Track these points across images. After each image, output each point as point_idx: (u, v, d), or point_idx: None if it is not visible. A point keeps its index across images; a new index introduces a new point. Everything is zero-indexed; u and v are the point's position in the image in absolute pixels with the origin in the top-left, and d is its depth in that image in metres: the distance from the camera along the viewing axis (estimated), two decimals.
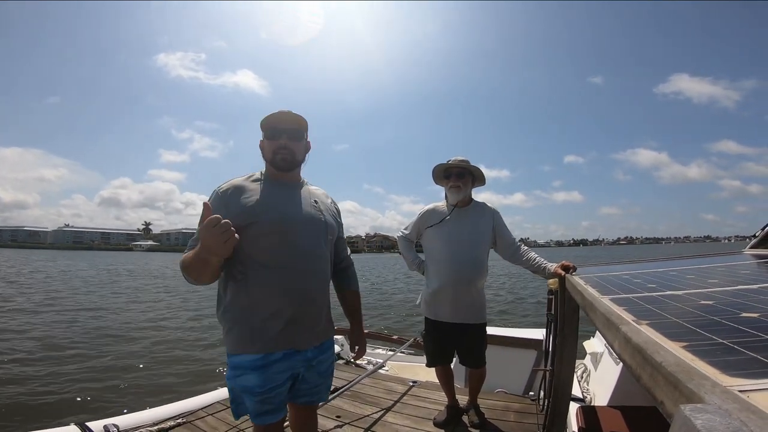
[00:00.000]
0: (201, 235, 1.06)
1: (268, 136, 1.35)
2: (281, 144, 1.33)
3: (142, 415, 2.37)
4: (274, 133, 1.34)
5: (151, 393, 4.39)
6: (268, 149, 1.35)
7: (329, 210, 1.44)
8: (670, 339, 0.53)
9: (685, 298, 0.84)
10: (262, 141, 1.38)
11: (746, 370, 0.40)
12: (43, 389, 4.39)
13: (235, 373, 1.24)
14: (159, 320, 8.80)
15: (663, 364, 0.42)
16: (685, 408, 0.29)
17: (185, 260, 1.17)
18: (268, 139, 1.35)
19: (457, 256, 2.14)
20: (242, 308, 1.24)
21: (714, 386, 0.35)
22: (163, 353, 6.09)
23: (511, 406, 2.60)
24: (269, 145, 1.35)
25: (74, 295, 12.67)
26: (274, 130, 1.34)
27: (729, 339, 0.52)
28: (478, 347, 2.25)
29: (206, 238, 1.06)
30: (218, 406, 2.60)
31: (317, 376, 1.38)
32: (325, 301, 1.37)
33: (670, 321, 0.65)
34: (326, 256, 1.38)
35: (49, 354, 5.77)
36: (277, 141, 1.33)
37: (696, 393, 0.34)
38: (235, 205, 1.25)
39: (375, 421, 2.43)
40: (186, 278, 1.20)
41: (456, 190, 2.18)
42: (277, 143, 1.33)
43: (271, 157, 1.35)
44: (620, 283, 1.18)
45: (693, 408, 0.29)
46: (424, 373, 3.30)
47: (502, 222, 2.26)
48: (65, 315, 9.03)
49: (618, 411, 1.58)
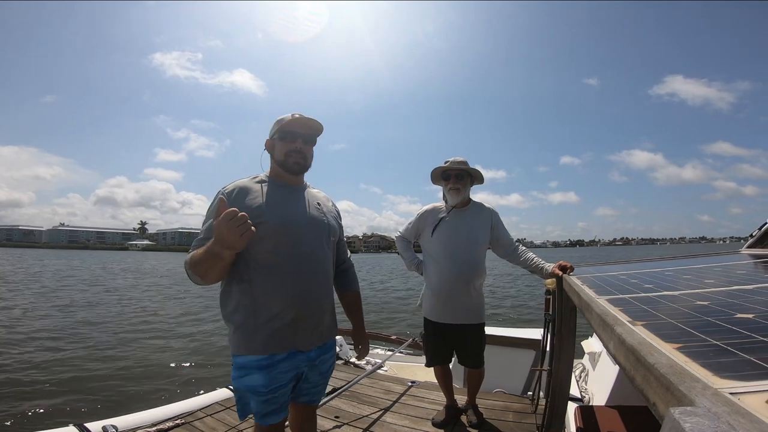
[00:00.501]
0: (218, 228, 1.07)
1: (282, 138, 1.34)
2: (296, 147, 1.34)
3: (140, 416, 2.37)
4: (291, 135, 1.34)
5: (149, 394, 4.39)
6: (279, 150, 1.35)
7: (331, 212, 1.46)
8: (665, 340, 0.53)
9: (680, 299, 0.85)
10: (271, 141, 1.37)
11: (739, 372, 0.40)
12: (41, 391, 4.39)
13: (240, 373, 1.25)
14: (157, 320, 8.79)
15: (656, 365, 0.42)
16: (674, 411, 0.29)
17: (194, 257, 1.17)
18: (281, 141, 1.35)
19: (455, 257, 2.14)
20: (247, 309, 1.25)
21: (705, 389, 0.35)
22: (161, 354, 6.08)
23: (509, 406, 2.60)
24: (282, 147, 1.35)
25: (72, 295, 12.64)
26: (290, 132, 1.34)
27: (723, 340, 0.52)
28: (476, 347, 2.25)
29: (223, 231, 1.06)
30: (217, 407, 2.60)
31: (319, 376, 1.40)
32: (328, 301, 1.40)
33: (666, 322, 0.65)
34: (329, 258, 1.41)
35: (47, 354, 5.76)
36: (293, 144, 1.34)
37: (687, 395, 0.34)
38: (240, 207, 1.24)
39: (374, 421, 2.43)
40: (192, 277, 1.20)
41: (455, 192, 2.18)
42: (291, 146, 1.34)
43: (282, 159, 1.35)
44: (617, 283, 1.18)
45: (683, 411, 0.29)
46: (422, 373, 3.31)
47: (501, 222, 2.26)
48: (62, 315, 9.02)
49: (616, 411, 1.58)
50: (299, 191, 1.40)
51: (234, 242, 1.08)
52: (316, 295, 1.33)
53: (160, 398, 4.10)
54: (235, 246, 1.09)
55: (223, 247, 1.09)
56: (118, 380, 4.81)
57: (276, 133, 1.36)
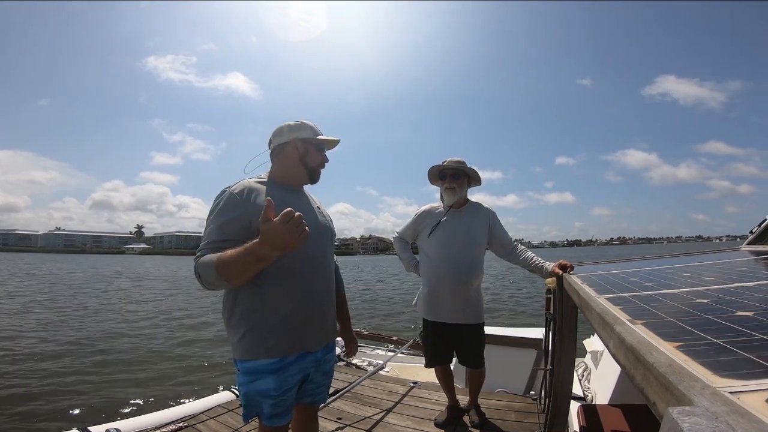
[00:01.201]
0: (274, 230, 1.02)
1: (318, 147, 1.42)
2: (326, 159, 1.46)
3: (144, 419, 2.37)
4: (323, 147, 1.44)
5: (152, 397, 4.39)
6: (314, 158, 1.41)
7: (328, 215, 1.51)
8: (664, 339, 0.53)
9: (680, 297, 0.84)
10: (305, 145, 1.39)
11: (738, 371, 0.40)
12: (44, 394, 4.39)
13: (249, 378, 1.24)
14: (160, 324, 8.79)
15: (655, 364, 0.42)
16: (673, 410, 0.29)
17: (224, 260, 1.10)
18: (318, 150, 1.42)
19: (453, 257, 2.14)
20: (256, 314, 1.24)
21: (704, 388, 0.34)
22: (164, 356, 6.09)
23: (511, 405, 2.60)
24: (318, 156, 1.42)
25: (73, 299, 12.66)
26: (322, 144, 1.43)
27: (723, 338, 0.52)
28: (476, 347, 2.25)
29: (282, 232, 1.02)
30: (219, 409, 2.60)
31: (322, 376, 1.43)
32: (332, 302, 1.43)
33: (665, 320, 0.65)
34: (332, 259, 1.46)
35: (50, 358, 5.77)
36: (324, 155, 1.45)
37: (686, 395, 0.33)
38: (252, 207, 1.23)
39: (376, 422, 2.43)
40: (213, 281, 1.13)
41: (451, 191, 2.18)
42: (324, 158, 1.45)
43: (314, 166, 1.41)
44: (617, 282, 1.18)
45: (681, 411, 0.29)
46: (424, 373, 3.30)
47: (499, 222, 2.26)
48: (63, 318, 9.03)
49: (619, 409, 1.57)
50: (301, 193, 1.44)
51: (293, 243, 1.04)
52: (322, 296, 1.35)
53: (162, 401, 4.10)
54: (294, 246, 1.06)
55: (276, 248, 1.05)
56: (121, 384, 4.82)
57: (312, 140, 1.40)
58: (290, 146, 1.38)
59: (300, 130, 1.39)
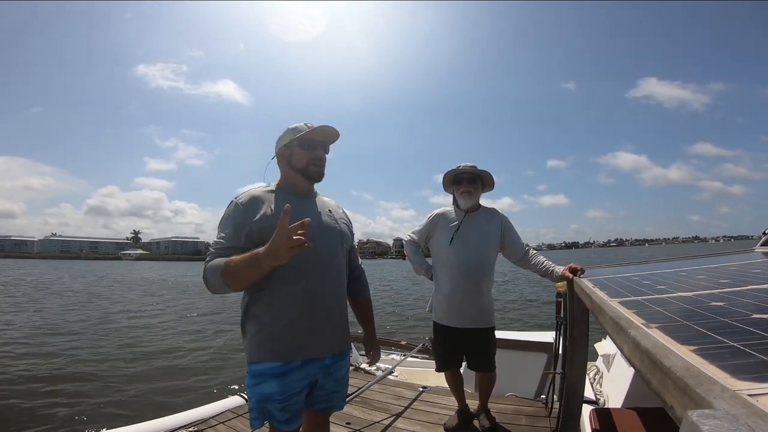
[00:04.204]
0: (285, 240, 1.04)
1: (304, 146, 1.37)
2: (317, 155, 1.38)
3: (152, 424, 2.38)
4: (310, 143, 1.37)
5: (161, 402, 4.42)
6: (301, 158, 1.37)
7: (342, 219, 1.48)
8: (680, 342, 0.53)
9: (695, 300, 0.84)
10: (288, 149, 1.39)
11: (756, 374, 0.40)
12: (53, 400, 4.43)
13: (255, 381, 1.25)
14: (168, 328, 8.86)
15: (672, 369, 0.42)
16: (692, 414, 0.29)
17: (230, 267, 1.14)
18: (303, 149, 1.37)
19: (466, 261, 2.14)
20: (263, 317, 1.26)
21: (723, 391, 0.35)
22: (173, 361, 6.13)
23: (522, 410, 2.57)
24: (303, 155, 1.37)
25: (73, 305, 12.78)
26: (310, 141, 1.37)
27: (740, 341, 0.51)
28: (487, 351, 2.23)
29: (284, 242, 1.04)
30: (229, 414, 2.60)
31: (334, 383, 1.40)
32: (342, 309, 1.40)
33: (680, 324, 0.65)
34: (343, 264, 1.42)
35: (59, 364, 5.83)
36: (313, 152, 1.38)
37: (705, 398, 0.34)
38: (256, 216, 1.27)
39: (385, 427, 2.42)
40: (219, 285, 1.18)
41: (467, 195, 2.19)
42: (312, 154, 1.38)
43: (304, 166, 1.38)
44: (629, 285, 1.17)
45: (701, 414, 0.29)
46: (433, 378, 3.28)
47: (512, 227, 2.27)
48: (74, 324, 9.14)
49: (633, 412, 1.55)
50: (311, 199, 1.43)
51: (283, 255, 1.06)
52: (330, 302, 1.34)
53: (172, 406, 4.13)
54: (281, 259, 1.07)
55: (276, 259, 1.07)
56: (130, 389, 4.85)
57: (295, 141, 1.37)
58: (279, 156, 1.41)
59: (283, 138, 1.40)
